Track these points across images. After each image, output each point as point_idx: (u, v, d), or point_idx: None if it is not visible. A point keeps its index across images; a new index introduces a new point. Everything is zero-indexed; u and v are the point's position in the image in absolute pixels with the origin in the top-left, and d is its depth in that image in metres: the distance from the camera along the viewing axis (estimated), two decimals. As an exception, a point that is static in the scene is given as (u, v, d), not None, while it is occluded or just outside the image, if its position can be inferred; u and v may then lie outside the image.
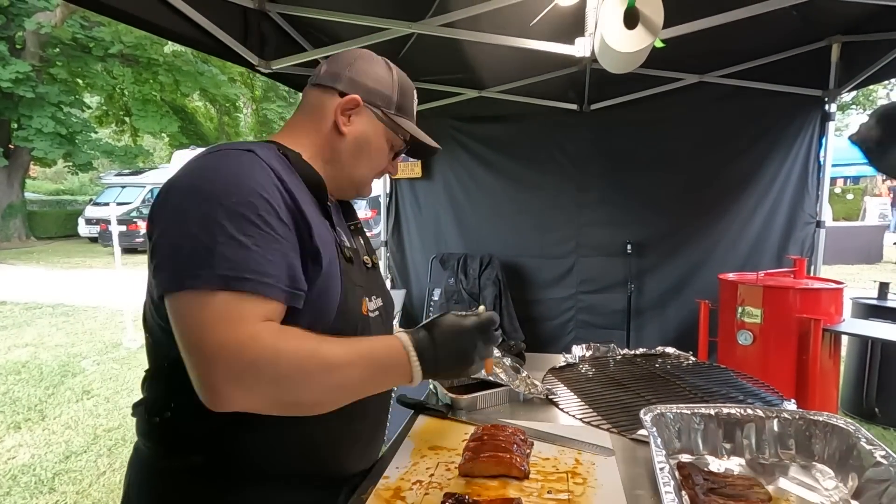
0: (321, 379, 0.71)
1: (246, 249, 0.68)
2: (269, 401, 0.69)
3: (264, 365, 0.66)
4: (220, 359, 0.65)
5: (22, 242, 14.95)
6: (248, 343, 0.66)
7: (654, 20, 1.59)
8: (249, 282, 0.68)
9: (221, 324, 0.66)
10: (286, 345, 0.68)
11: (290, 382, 0.69)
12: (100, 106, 18.11)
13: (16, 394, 4.22)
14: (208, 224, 0.68)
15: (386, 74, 0.95)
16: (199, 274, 0.66)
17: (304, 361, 0.69)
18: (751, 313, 2.71)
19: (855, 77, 2.95)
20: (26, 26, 13.12)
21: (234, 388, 0.66)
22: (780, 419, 1.02)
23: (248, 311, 0.67)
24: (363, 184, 0.98)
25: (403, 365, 0.77)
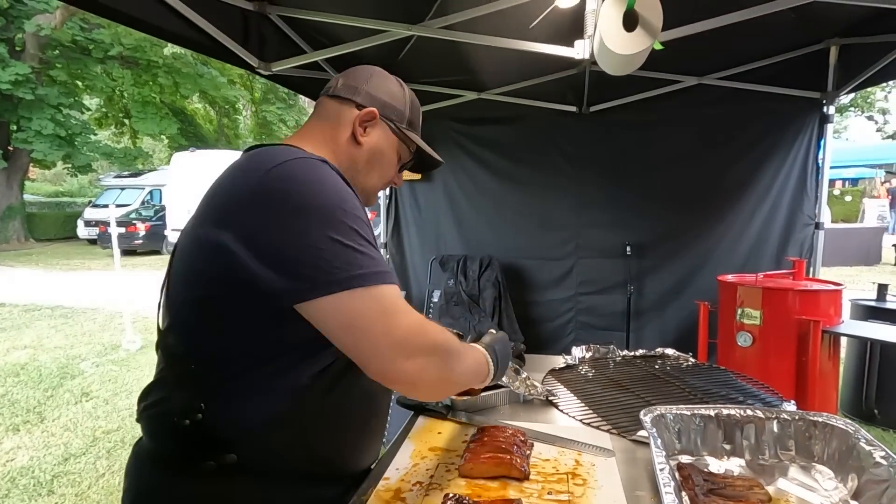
0: (466, 360, 0.89)
1: (375, 250, 0.79)
2: (432, 372, 0.81)
3: (440, 343, 0.82)
4: (410, 339, 0.77)
5: (21, 244, 14.94)
6: (425, 326, 0.80)
7: (652, 22, 1.59)
8: (390, 275, 0.79)
9: (402, 311, 0.77)
10: (440, 331, 0.83)
11: (450, 360, 0.84)
12: (99, 108, 18.12)
13: (14, 396, 4.21)
14: (344, 229, 0.76)
15: (399, 91, 1.02)
16: (362, 273, 0.74)
17: (451, 345, 0.84)
18: (750, 315, 2.72)
19: (853, 79, 2.96)
20: (26, 28, 13.14)
21: (409, 362, 0.76)
22: (780, 420, 1.02)
23: (403, 300, 0.80)
24: (373, 193, 1.04)
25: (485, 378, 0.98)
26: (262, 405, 0.79)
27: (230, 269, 0.74)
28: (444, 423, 1.23)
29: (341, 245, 0.74)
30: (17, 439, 3.46)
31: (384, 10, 2.40)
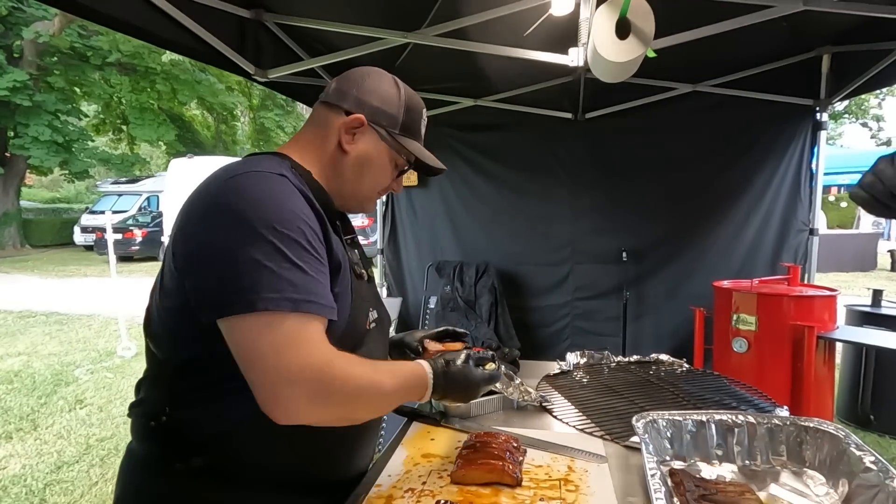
0: (376, 401, 0.81)
1: (304, 273, 0.73)
2: (336, 417, 0.77)
3: (339, 387, 0.73)
4: (303, 380, 0.70)
5: (17, 250, 14.89)
6: (327, 367, 0.72)
7: (645, 30, 1.61)
8: (312, 304, 0.73)
9: (298, 346, 0.71)
10: (353, 370, 0.76)
11: (356, 403, 0.78)
12: (97, 114, 18.12)
13: (8, 403, 4.18)
14: (268, 249, 0.71)
15: (393, 94, 0.95)
16: (270, 297, 0.70)
17: (367, 386, 0.78)
18: (745, 320, 2.72)
19: (846, 87, 2.99)
20: (24, 35, 13.18)
21: (313, 406, 0.72)
22: (772, 425, 1.03)
23: (316, 333, 0.74)
24: (366, 201, 1.00)
25: (422, 391, 0.90)
26: (235, 411, 0.78)
27: (179, 282, 0.76)
28: (438, 429, 1.23)
29: (258, 265, 0.70)
30: (9, 447, 3.43)
31: (381, 18, 2.42)
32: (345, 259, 0.87)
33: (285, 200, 0.76)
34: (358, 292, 0.89)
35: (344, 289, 0.84)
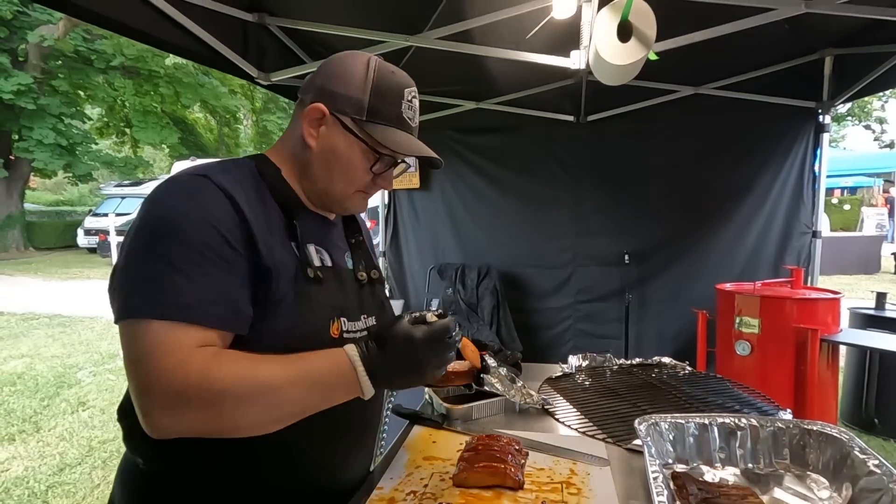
0: (257, 401, 0.69)
1: (187, 280, 0.69)
2: (203, 426, 0.69)
3: (193, 391, 0.66)
4: (152, 388, 0.66)
5: (20, 253, 14.94)
6: (176, 370, 0.66)
7: (646, 33, 1.61)
8: (186, 311, 0.68)
9: (155, 353, 0.67)
10: (217, 369, 0.67)
11: (222, 407, 0.68)
12: (101, 117, 18.21)
13: (10, 405, 4.19)
14: (153, 255, 0.70)
15: (358, 75, 0.84)
16: (140, 305, 0.68)
17: (237, 385, 0.68)
18: (748, 323, 2.71)
19: (848, 89, 2.99)
20: (29, 39, 13.26)
21: (167, 417, 0.67)
22: (775, 428, 1.02)
23: (182, 340, 0.68)
24: (344, 200, 0.90)
25: (351, 380, 0.73)
26: None
27: None
28: (440, 431, 1.23)
29: (138, 271, 0.70)
30: (12, 449, 3.43)
31: (382, 21, 2.43)
32: (288, 264, 0.80)
33: (186, 203, 0.73)
34: (310, 297, 0.82)
35: (285, 295, 0.78)
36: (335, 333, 0.84)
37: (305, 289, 0.81)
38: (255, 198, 0.80)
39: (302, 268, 0.82)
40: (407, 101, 0.87)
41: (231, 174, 0.80)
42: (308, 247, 0.86)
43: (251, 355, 0.72)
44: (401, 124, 0.87)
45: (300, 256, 0.83)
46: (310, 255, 0.86)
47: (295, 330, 0.78)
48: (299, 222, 0.85)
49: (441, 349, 0.77)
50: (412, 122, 0.89)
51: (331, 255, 0.92)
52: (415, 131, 0.90)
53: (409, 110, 0.88)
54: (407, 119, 0.87)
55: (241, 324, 0.75)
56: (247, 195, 0.79)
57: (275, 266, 0.78)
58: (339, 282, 0.90)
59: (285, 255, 0.81)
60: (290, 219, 0.84)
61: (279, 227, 0.83)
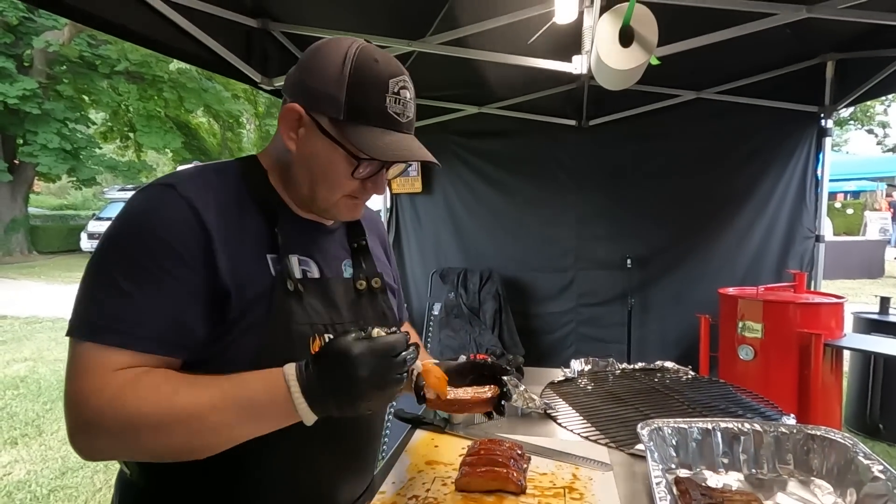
0: (173, 430, 0.65)
1: (125, 298, 0.67)
2: (121, 453, 0.69)
3: (106, 417, 0.64)
4: (69, 409, 0.66)
5: (24, 257, 14.99)
6: (92, 395, 0.65)
7: (648, 38, 1.62)
8: (115, 334, 0.66)
9: (79, 374, 0.66)
10: (132, 395, 0.64)
11: (136, 435, 0.65)
12: (105, 122, 18.31)
13: (13, 409, 4.19)
14: (99, 270, 0.69)
15: (334, 68, 0.74)
16: (77, 324, 0.68)
17: (152, 413, 0.64)
18: (751, 328, 2.71)
19: (850, 93, 2.99)
20: (34, 44, 13.37)
21: (82, 439, 0.66)
22: (778, 434, 1.02)
23: (107, 363, 0.66)
24: (328, 206, 0.83)
25: (285, 403, 0.66)
26: None
27: None
28: (442, 436, 1.23)
29: (84, 285, 0.70)
30: (14, 453, 3.44)
31: (385, 27, 2.45)
32: (258, 278, 0.75)
33: (141, 215, 0.71)
34: (287, 312, 0.76)
35: (248, 312, 0.74)
36: (317, 349, 0.77)
37: (282, 303, 0.76)
38: (231, 206, 0.76)
39: (281, 280, 0.77)
40: (393, 93, 0.76)
41: (202, 182, 0.76)
42: (290, 258, 0.81)
43: (176, 377, 0.68)
44: (386, 122, 0.76)
45: (279, 268, 0.78)
46: (291, 266, 0.80)
47: (268, 348, 0.74)
48: (282, 231, 0.80)
49: (383, 369, 0.67)
50: (401, 118, 0.77)
51: (320, 265, 0.86)
52: (406, 126, 0.79)
53: (396, 104, 0.76)
54: (393, 115, 0.76)
55: (184, 348, 0.71)
56: (218, 205, 0.74)
57: (237, 283, 0.73)
58: (327, 294, 0.85)
59: (255, 269, 0.76)
60: (272, 227, 0.80)
61: (256, 236, 0.78)
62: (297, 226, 0.85)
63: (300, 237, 0.85)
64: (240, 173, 0.82)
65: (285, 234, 0.81)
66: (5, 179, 14.18)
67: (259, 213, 0.80)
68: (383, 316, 0.95)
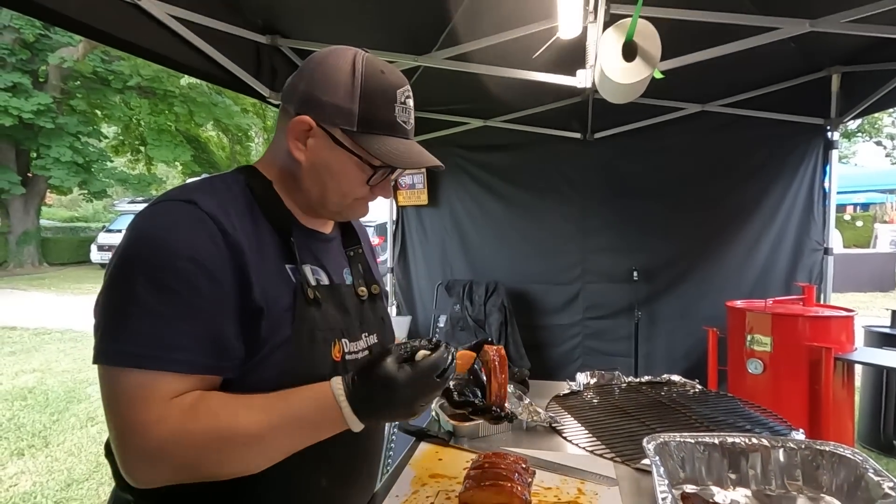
0: (240, 453, 0.68)
1: (162, 321, 0.66)
2: (184, 477, 0.68)
3: (171, 447, 0.65)
4: (129, 442, 0.65)
5: (35, 268, 15.16)
6: (154, 427, 0.64)
7: (651, 53, 1.64)
8: (160, 360, 0.65)
9: (130, 404, 0.65)
10: (195, 425, 0.65)
11: (203, 461, 0.66)
12: (116, 136, 18.62)
13: (21, 420, 4.21)
14: (127, 294, 0.66)
15: (345, 82, 0.76)
16: (112, 349, 0.66)
17: (218, 439, 0.66)
18: (760, 341, 2.68)
19: (856, 106, 2.99)
20: (50, 61, 13.67)
21: (144, 469, 0.66)
22: (786, 449, 1.00)
23: (158, 390, 0.65)
24: (340, 210, 0.86)
25: (336, 417, 0.71)
26: None
27: None
28: (446, 449, 1.22)
29: (109, 306, 0.67)
30: (20, 464, 3.45)
31: (392, 42, 2.49)
32: (283, 289, 0.76)
33: (166, 234, 0.68)
34: (308, 321, 0.78)
35: (279, 327, 0.75)
36: (337, 356, 0.81)
37: (304, 313, 0.78)
38: (246, 220, 0.76)
39: (301, 290, 0.78)
40: (400, 103, 0.79)
41: (220, 196, 0.76)
42: (304, 267, 0.82)
43: (232, 401, 0.69)
44: (396, 130, 0.79)
45: (298, 279, 0.79)
46: (307, 275, 0.81)
47: (297, 359, 0.76)
48: (295, 241, 0.81)
49: (428, 389, 0.74)
50: (407, 126, 0.82)
51: (328, 273, 0.88)
52: (410, 133, 0.83)
53: (403, 113, 0.80)
54: (401, 123, 0.80)
55: (226, 367, 0.71)
56: (239, 219, 0.74)
57: (268, 300, 0.73)
58: (339, 300, 0.86)
59: (280, 282, 0.77)
60: (286, 238, 0.80)
61: (273, 248, 0.78)
62: (304, 236, 0.86)
63: (309, 246, 0.86)
64: (246, 185, 0.81)
65: (298, 244, 0.82)
66: (18, 192, 14.41)
67: (270, 225, 0.80)
68: (382, 321, 0.97)
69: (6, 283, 12.49)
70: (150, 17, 1.81)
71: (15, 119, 13.12)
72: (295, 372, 0.74)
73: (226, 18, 2.11)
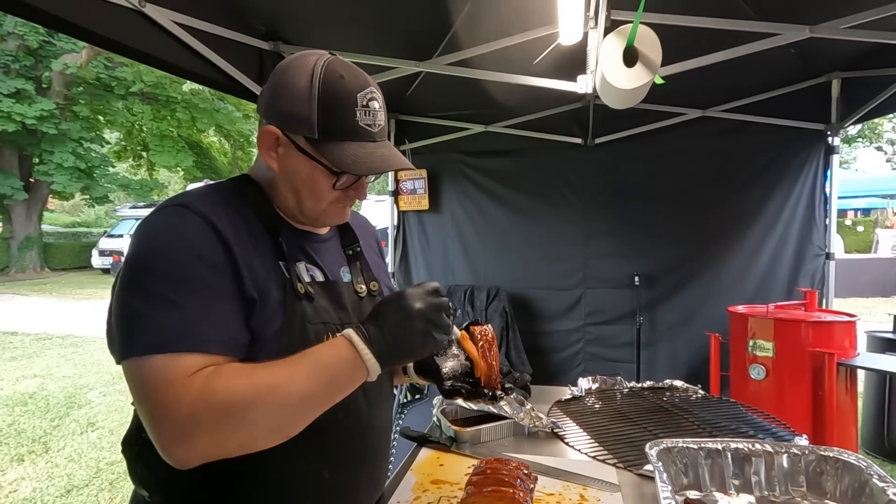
0: (265, 402, 0.68)
1: (180, 310, 0.69)
2: (221, 446, 0.68)
3: (200, 409, 0.66)
4: (163, 421, 0.66)
5: (36, 273, 15.18)
6: (179, 398, 0.66)
7: (652, 58, 1.64)
8: (184, 341, 0.68)
9: (160, 385, 0.67)
10: (219, 382, 0.67)
11: (233, 418, 0.67)
12: (119, 141, 18.69)
13: (21, 425, 4.20)
14: (145, 293, 0.70)
15: (303, 89, 0.78)
16: (137, 343, 0.68)
17: (242, 392, 0.67)
18: (762, 347, 2.67)
19: (856, 111, 2.99)
20: (53, 67, 13.76)
21: (180, 446, 0.67)
22: (790, 454, 1.00)
23: (180, 368, 0.67)
24: (317, 216, 0.88)
25: (353, 358, 0.73)
26: None
27: None
28: (448, 454, 1.22)
29: (127, 308, 0.70)
30: (21, 470, 3.44)
31: (394, 48, 2.50)
32: (273, 283, 0.79)
33: (168, 235, 0.73)
34: (301, 315, 0.80)
35: (271, 319, 0.77)
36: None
37: (295, 307, 0.80)
38: (238, 221, 0.79)
39: (291, 285, 0.81)
40: (362, 106, 0.79)
41: (210, 200, 0.79)
42: (297, 265, 0.85)
43: (250, 364, 0.72)
44: (358, 135, 0.80)
45: (289, 275, 0.82)
46: (299, 272, 0.84)
47: (290, 351, 0.76)
48: (285, 240, 0.84)
49: (434, 306, 0.78)
50: (372, 128, 0.81)
51: (324, 271, 0.90)
52: (379, 135, 0.83)
53: (366, 116, 0.80)
54: (364, 127, 0.80)
55: (240, 348, 0.74)
56: (230, 220, 0.78)
57: (260, 292, 0.76)
58: (334, 296, 0.89)
59: (272, 277, 0.80)
60: (276, 237, 0.84)
61: (267, 247, 0.82)
62: (295, 236, 0.89)
63: (301, 246, 0.89)
64: (238, 190, 0.86)
65: (288, 244, 0.85)
66: (21, 198, 14.46)
67: (262, 226, 0.83)
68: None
69: (8, 288, 12.50)
70: (154, 23, 1.82)
71: (18, 125, 13.18)
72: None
73: (229, 25, 2.13)
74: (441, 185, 3.89)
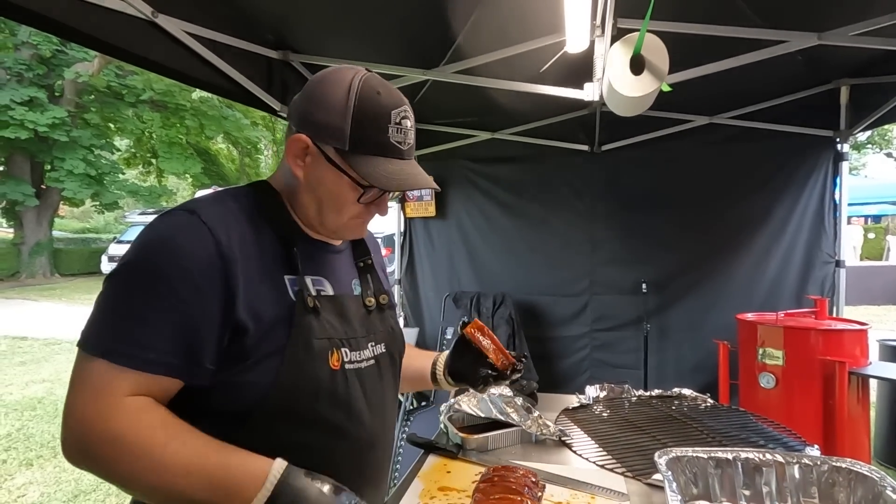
0: (146, 478, 0.67)
1: (139, 321, 0.69)
2: (98, 474, 0.69)
3: (100, 440, 0.67)
4: (71, 423, 0.68)
5: (46, 279, 15.34)
6: (97, 420, 0.67)
7: (659, 66, 1.64)
8: (126, 356, 0.68)
9: (87, 392, 0.68)
10: (133, 437, 0.67)
11: (115, 471, 0.67)
12: (128, 148, 18.93)
13: (30, 430, 4.23)
14: (118, 291, 0.72)
15: (339, 101, 0.78)
16: (91, 340, 0.70)
17: (137, 456, 0.67)
18: (772, 355, 2.64)
19: (865, 118, 2.97)
20: (65, 75, 14.00)
21: (71, 452, 0.69)
22: (802, 465, 0.99)
23: (116, 385, 0.68)
24: (337, 229, 0.88)
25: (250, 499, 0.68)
26: None
27: None
28: (455, 462, 1.21)
29: (103, 306, 0.72)
30: (29, 474, 3.46)
31: (401, 57, 2.52)
32: (276, 302, 0.78)
33: (164, 240, 0.73)
34: (307, 329, 0.79)
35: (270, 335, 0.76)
36: (335, 365, 0.82)
37: (301, 321, 0.79)
38: (249, 231, 0.79)
39: (300, 299, 0.80)
40: (395, 123, 0.80)
41: (223, 207, 0.79)
42: (305, 278, 0.83)
43: (173, 426, 0.70)
44: (388, 151, 0.80)
45: (296, 288, 0.81)
46: (307, 286, 0.83)
47: (290, 366, 0.77)
48: (299, 251, 0.83)
49: None
50: (402, 146, 0.82)
51: (333, 284, 0.89)
52: (407, 153, 0.84)
53: (398, 134, 0.81)
54: (395, 144, 0.81)
55: (195, 374, 0.73)
56: (240, 229, 0.77)
57: (256, 312, 0.75)
58: (341, 311, 0.88)
59: (274, 292, 0.79)
60: (289, 248, 0.83)
61: (273, 258, 0.81)
62: (309, 246, 0.88)
63: (313, 257, 0.88)
64: (255, 197, 0.85)
65: (301, 255, 0.84)
66: (32, 204, 14.65)
67: (275, 236, 0.83)
68: (391, 331, 0.98)
69: (18, 293, 12.63)
70: (165, 33, 1.85)
71: (31, 132, 13.39)
72: (288, 378, 0.76)
73: (238, 34, 2.16)
74: (448, 192, 3.91)
